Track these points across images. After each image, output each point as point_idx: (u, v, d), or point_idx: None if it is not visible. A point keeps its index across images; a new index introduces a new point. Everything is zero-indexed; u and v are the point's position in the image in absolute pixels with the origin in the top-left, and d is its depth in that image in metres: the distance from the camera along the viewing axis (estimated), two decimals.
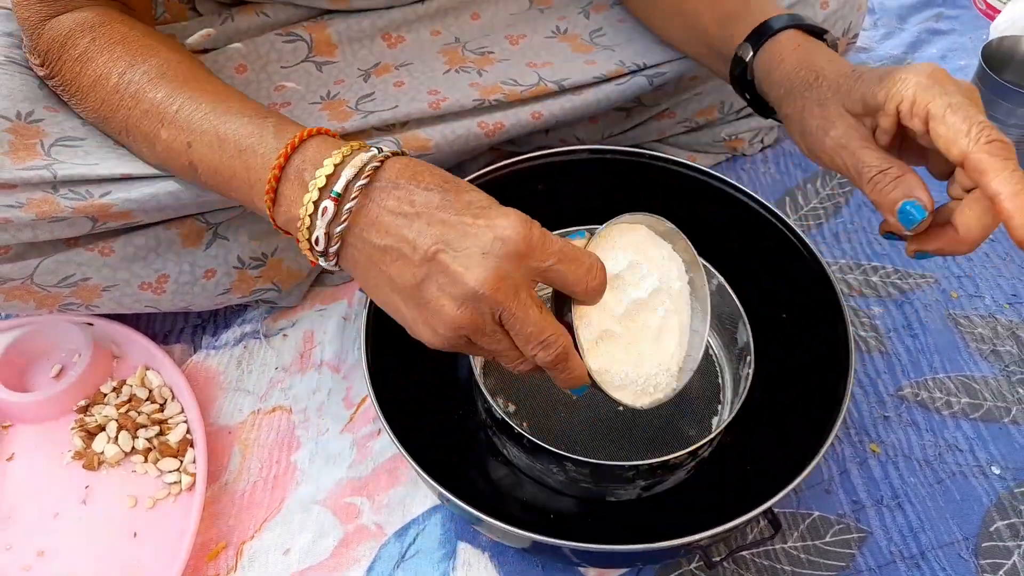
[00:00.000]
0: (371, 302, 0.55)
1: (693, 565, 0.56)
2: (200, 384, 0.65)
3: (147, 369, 0.65)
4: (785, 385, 0.61)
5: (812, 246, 0.60)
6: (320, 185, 0.41)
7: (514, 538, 0.50)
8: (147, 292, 0.60)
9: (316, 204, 0.42)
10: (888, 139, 0.46)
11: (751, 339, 0.55)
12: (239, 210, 0.61)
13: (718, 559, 0.52)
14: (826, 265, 0.59)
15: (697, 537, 0.47)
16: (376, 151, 0.43)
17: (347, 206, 0.41)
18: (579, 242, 0.46)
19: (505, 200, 0.49)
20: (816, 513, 0.60)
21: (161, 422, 0.62)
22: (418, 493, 0.60)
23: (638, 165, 0.66)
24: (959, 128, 0.41)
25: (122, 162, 0.53)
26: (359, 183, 0.41)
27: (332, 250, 0.42)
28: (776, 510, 0.53)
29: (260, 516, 0.58)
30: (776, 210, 0.62)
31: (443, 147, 0.65)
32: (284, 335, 0.69)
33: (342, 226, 0.42)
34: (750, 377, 0.51)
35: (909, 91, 0.43)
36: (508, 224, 0.39)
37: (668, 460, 0.50)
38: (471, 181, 0.62)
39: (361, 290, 0.67)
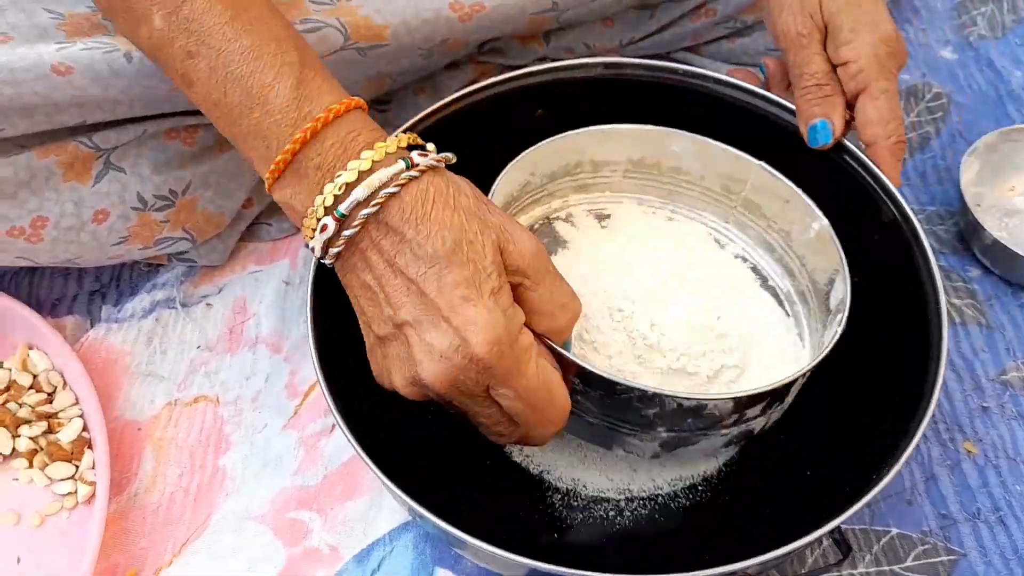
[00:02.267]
0: (318, 262, 0.55)
1: None
2: (99, 368, 0.64)
3: (30, 348, 0.64)
4: (857, 368, 0.61)
5: (893, 190, 0.59)
6: (327, 204, 0.45)
7: (507, 564, 0.49)
8: (18, 239, 0.59)
9: (318, 219, 0.46)
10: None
11: (848, 294, 0.54)
12: (138, 131, 0.60)
13: None
14: (912, 215, 0.58)
15: (743, 565, 0.47)
16: (403, 164, 0.45)
17: (345, 232, 0.45)
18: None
19: (492, 134, 0.48)
20: (894, 530, 0.59)
21: (49, 416, 0.61)
22: (383, 506, 0.59)
23: (666, 87, 0.64)
24: (882, 116, 0.58)
25: None
26: (365, 211, 0.45)
27: (326, 262, 0.48)
28: (844, 527, 0.53)
29: (180, 536, 0.58)
30: (847, 143, 0.61)
31: (403, 36, 0.64)
32: (208, 304, 0.68)
33: (337, 248, 0.46)
34: (836, 337, 0.52)
35: (864, 58, 0.58)
36: (478, 337, 0.43)
37: (733, 396, 0.50)
38: (444, 106, 0.61)
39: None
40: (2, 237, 0.58)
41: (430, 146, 0.47)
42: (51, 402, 0.62)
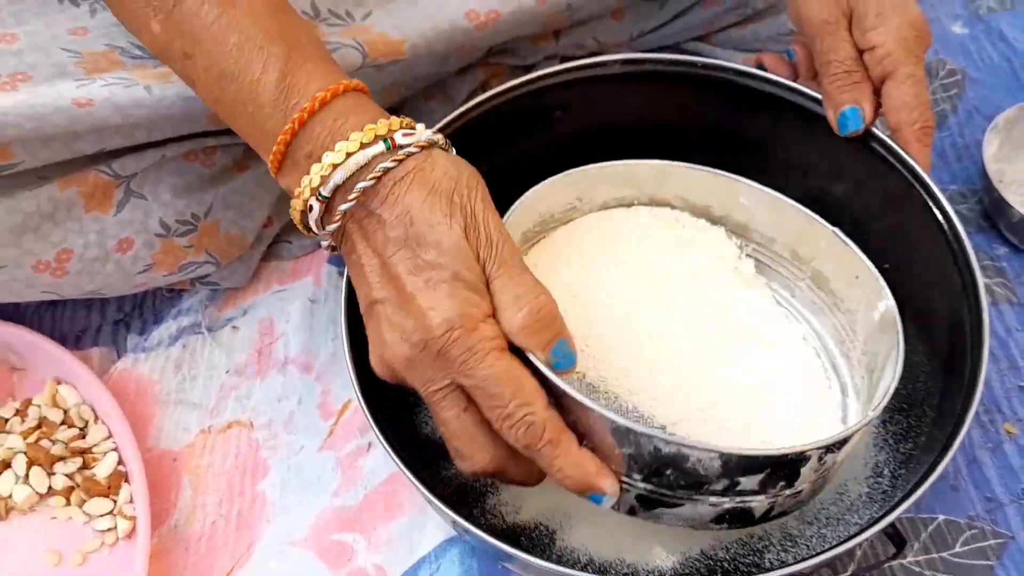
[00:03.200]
0: (347, 274, 0.55)
1: None
2: (130, 399, 0.64)
3: (58, 383, 0.63)
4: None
5: (923, 174, 0.58)
6: (314, 185, 0.46)
7: None
8: (44, 274, 0.59)
9: (306, 202, 0.47)
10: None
11: (895, 381, 0.50)
12: (157, 156, 0.60)
13: None
14: (943, 198, 0.58)
15: (799, 567, 0.46)
16: (383, 146, 0.45)
17: (330, 226, 0.47)
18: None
19: (511, 139, 0.48)
20: (941, 517, 0.59)
21: (84, 451, 0.61)
22: (427, 523, 0.59)
23: (687, 81, 0.63)
24: (907, 102, 0.57)
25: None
26: (343, 207, 0.46)
27: (322, 243, 0.49)
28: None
29: (224, 565, 0.58)
30: (875, 129, 0.60)
31: (420, 49, 0.64)
32: (234, 327, 0.67)
33: (331, 227, 0.47)
34: (900, 357, 0.50)
35: (891, 42, 0.57)
36: (435, 319, 0.43)
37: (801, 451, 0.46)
38: (461, 115, 0.60)
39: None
40: (28, 273, 0.58)
41: (419, 127, 0.47)
42: (84, 437, 0.61)
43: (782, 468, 0.46)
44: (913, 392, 0.58)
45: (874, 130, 0.59)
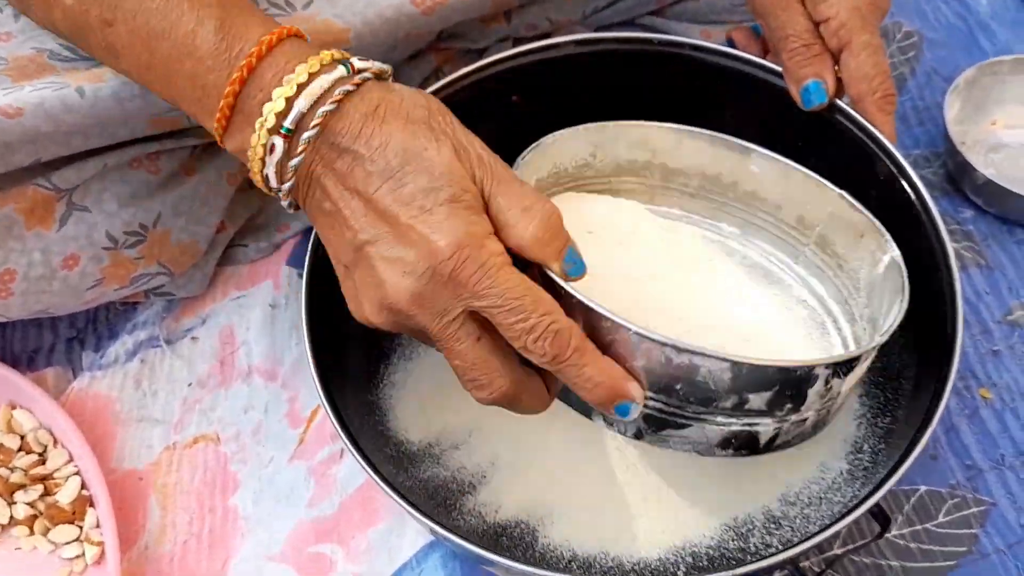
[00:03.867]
0: (307, 276, 0.55)
1: None
2: (89, 419, 0.63)
3: (13, 408, 0.62)
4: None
5: (887, 144, 0.57)
6: (270, 125, 0.44)
7: None
8: None
9: (264, 146, 0.45)
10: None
11: (899, 257, 0.53)
12: (98, 166, 0.58)
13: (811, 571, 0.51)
14: (906, 164, 0.57)
15: (788, 555, 0.46)
16: (344, 69, 0.44)
17: (292, 162, 0.45)
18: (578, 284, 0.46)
19: (470, 127, 0.47)
20: (922, 488, 0.60)
21: (44, 478, 0.59)
22: (406, 528, 0.58)
23: (644, 58, 0.62)
24: (866, 72, 0.57)
25: None
26: (307, 135, 0.44)
27: (284, 188, 0.46)
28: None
29: None
30: (838, 101, 0.59)
31: (366, 37, 0.62)
32: (193, 338, 0.66)
33: (289, 183, 0.46)
34: (906, 296, 0.50)
35: (844, 12, 0.57)
36: (439, 243, 0.42)
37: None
38: None
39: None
40: None
41: (371, 62, 0.46)
42: (44, 462, 0.60)
43: (790, 386, 0.46)
44: (888, 365, 0.58)
45: (837, 102, 0.58)
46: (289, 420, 0.62)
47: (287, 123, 0.44)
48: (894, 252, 0.53)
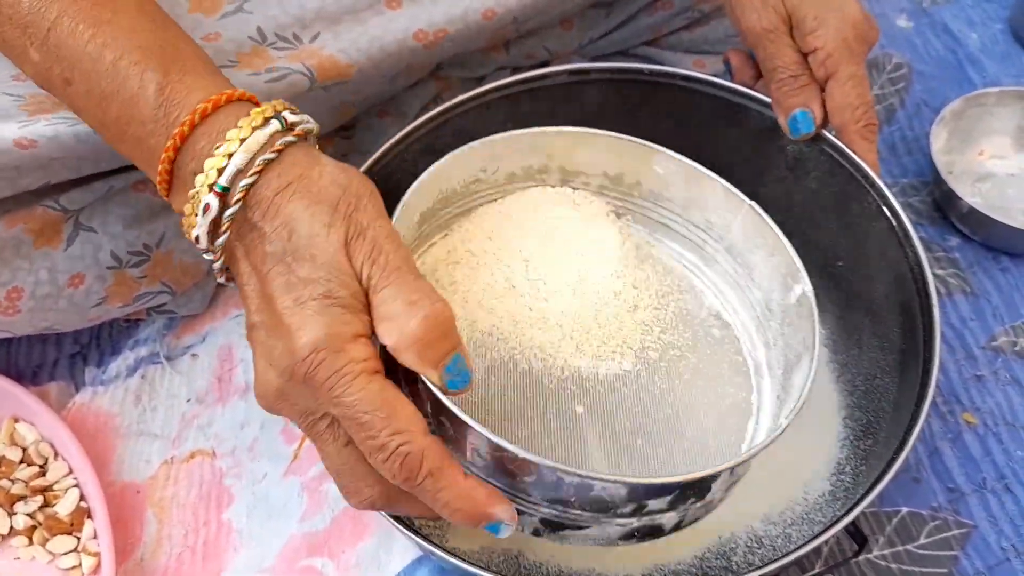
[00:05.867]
0: None
1: None
2: (89, 433, 0.63)
3: (16, 421, 0.62)
4: (848, 351, 0.61)
5: (870, 172, 0.59)
6: (210, 181, 0.43)
7: None
8: None
9: (196, 213, 0.44)
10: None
11: (810, 380, 0.48)
12: (104, 188, 0.59)
13: None
14: (887, 191, 0.58)
15: (767, 570, 0.47)
16: (277, 124, 0.43)
17: (218, 241, 0.44)
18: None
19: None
20: (904, 510, 0.60)
21: (44, 489, 0.60)
22: (395, 543, 0.59)
23: (636, 88, 0.64)
24: (850, 102, 0.58)
25: None
26: (228, 212, 0.43)
27: (216, 266, 0.46)
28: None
29: None
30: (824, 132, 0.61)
31: (368, 70, 0.63)
32: (193, 355, 0.67)
33: (219, 261, 0.45)
34: (814, 362, 0.48)
35: (831, 44, 0.58)
36: (299, 342, 0.40)
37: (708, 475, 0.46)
38: (412, 131, 0.60)
39: None
40: None
41: (303, 117, 0.45)
42: (44, 474, 0.60)
43: (692, 487, 0.45)
44: (871, 388, 0.59)
45: (823, 132, 0.60)
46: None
47: (223, 180, 0.42)
48: (806, 286, 0.51)
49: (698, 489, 0.46)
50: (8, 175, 0.54)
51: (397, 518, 0.49)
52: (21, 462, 0.61)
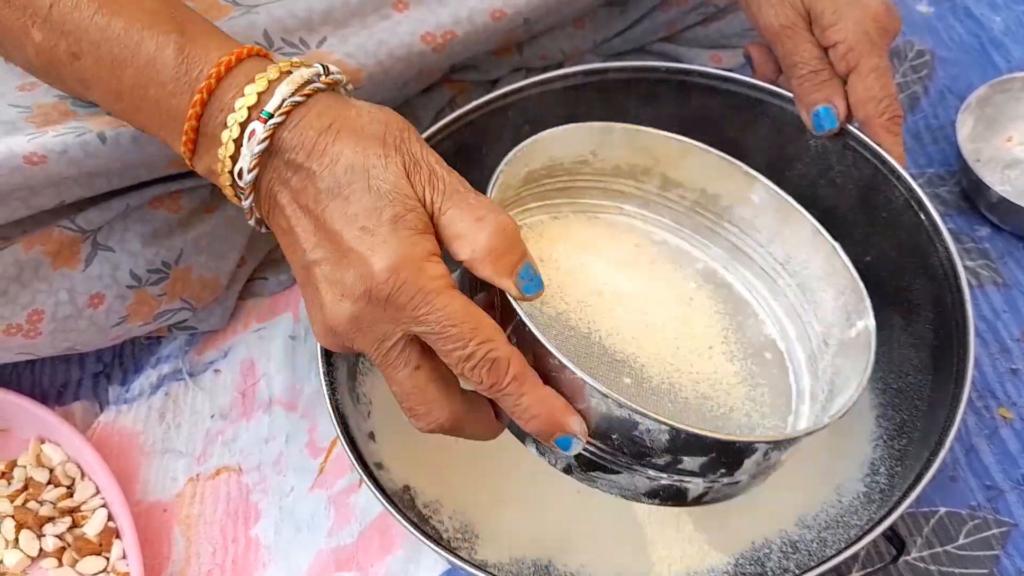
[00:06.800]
0: None
1: None
2: (114, 452, 0.63)
3: (42, 442, 0.62)
4: (879, 348, 0.60)
5: (895, 165, 0.57)
6: (235, 136, 0.44)
7: None
8: (16, 337, 0.58)
9: (232, 158, 0.45)
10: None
11: (872, 329, 0.50)
12: (121, 206, 0.59)
13: None
14: (915, 184, 0.57)
15: None
16: (319, 68, 0.44)
17: (247, 178, 0.45)
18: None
19: (479, 161, 0.47)
20: (942, 510, 0.59)
21: (72, 510, 0.60)
22: (423, 557, 0.58)
23: (652, 85, 0.63)
24: (874, 95, 0.57)
25: None
26: (257, 148, 0.43)
27: (246, 205, 0.46)
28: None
29: None
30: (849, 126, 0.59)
31: (377, 75, 0.62)
32: (216, 370, 0.67)
33: (249, 200, 0.46)
34: (862, 385, 0.47)
35: (851, 37, 0.57)
36: (376, 266, 0.41)
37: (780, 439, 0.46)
38: (427, 138, 0.59)
39: None
40: (0, 337, 0.57)
41: (334, 70, 0.46)
42: (72, 495, 0.60)
43: (727, 455, 0.44)
44: (904, 387, 0.58)
45: (847, 126, 0.58)
46: (309, 450, 0.63)
47: (269, 107, 0.43)
48: (869, 321, 0.51)
49: (732, 460, 0.45)
50: (21, 195, 0.54)
51: (425, 533, 0.48)
52: (48, 483, 0.61)
